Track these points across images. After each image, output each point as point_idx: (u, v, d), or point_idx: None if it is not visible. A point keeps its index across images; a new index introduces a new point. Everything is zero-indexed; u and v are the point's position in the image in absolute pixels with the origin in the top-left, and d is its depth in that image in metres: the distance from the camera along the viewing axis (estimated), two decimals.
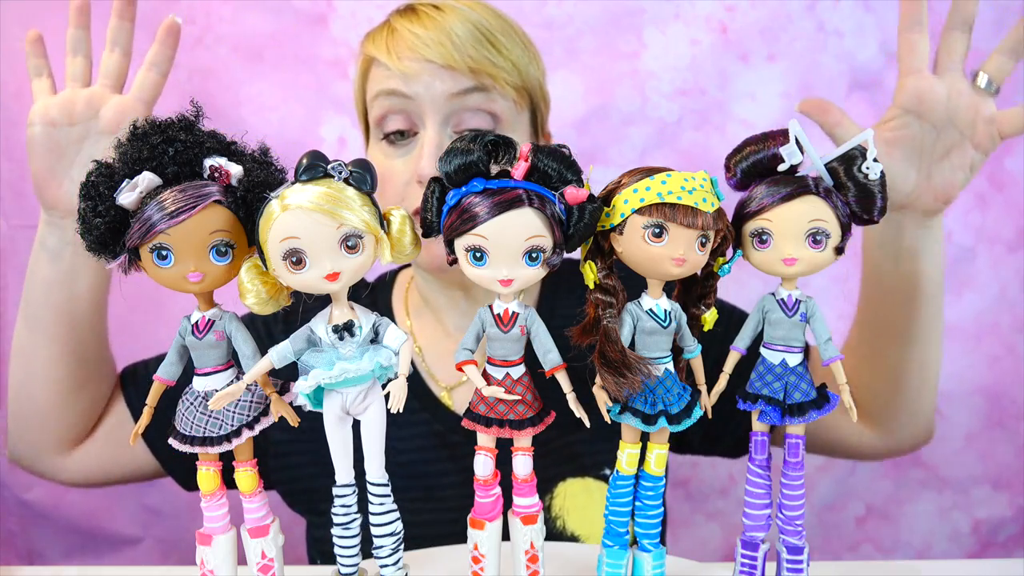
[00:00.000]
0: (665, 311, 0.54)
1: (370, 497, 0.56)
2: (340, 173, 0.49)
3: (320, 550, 0.89)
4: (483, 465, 0.56)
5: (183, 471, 0.91)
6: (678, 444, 0.95)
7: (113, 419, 0.89)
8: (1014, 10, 1.20)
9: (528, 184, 0.50)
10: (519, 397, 0.54)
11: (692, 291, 0.57)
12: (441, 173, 0.51)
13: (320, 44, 1.26)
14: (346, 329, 0.52)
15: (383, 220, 0.51)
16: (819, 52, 1.23)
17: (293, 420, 0.54)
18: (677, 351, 0.57)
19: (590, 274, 0.54)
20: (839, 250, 0.54)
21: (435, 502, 0.81)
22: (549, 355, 0.54)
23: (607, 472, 0.84)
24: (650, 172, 0.52)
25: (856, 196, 0.54)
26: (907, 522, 1.33)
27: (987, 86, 0.75)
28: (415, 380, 0.89)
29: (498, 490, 0.57)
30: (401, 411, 0.51)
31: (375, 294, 0.98)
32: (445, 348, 0.91)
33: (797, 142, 0.52)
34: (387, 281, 0.99)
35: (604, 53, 1.24)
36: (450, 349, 0.89)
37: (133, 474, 0.92)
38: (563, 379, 0.54)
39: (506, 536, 0.58)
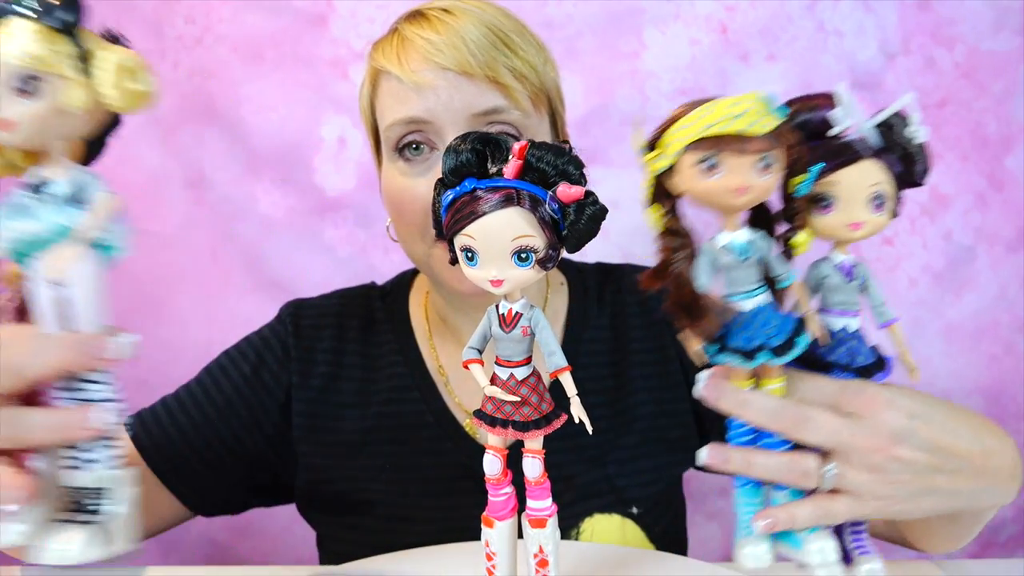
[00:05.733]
0: (744, 244, 0.52)
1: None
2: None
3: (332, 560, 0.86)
4: (491, 464, 0.56)
5: (194, 496, 0.86)
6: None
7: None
8: (1015, 10, 1.20)
9: (520, 183, 0.49)
10: (519, 398, 0.54)
11: (776, 216, 0.55)
12: (442, 173, 0.51)
13: (320, 44, 1.26)
14: (39, 186, 0.47)
15: (87, 59, 0.46)
16: (819, 52, 1.23)
17: None
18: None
19: (656, 218, 0.52)
20: (894, 213, 0.54)
21: (458, 533, 0.75)
22: (552, 357, 0.54)
23: (635, 511, 0.81)
24: (695, 105, 0.50)
25: (900, 159, 0.53)
26: None
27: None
28: (438, 407, 0.84)
29: (509, 489, 0.57)
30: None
31: (390, 302, 0.92)
32: (468, 373, 0.87)
33: (844, 106, 0.52)
34: (403, 288, 0.93)
35: (604, 53, 1.24)
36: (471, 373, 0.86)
37: (164, 522, 0.87)
38: (567, 382, 0.53)
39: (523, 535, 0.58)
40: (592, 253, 0.75)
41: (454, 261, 0.52)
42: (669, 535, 0.84)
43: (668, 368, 0.87)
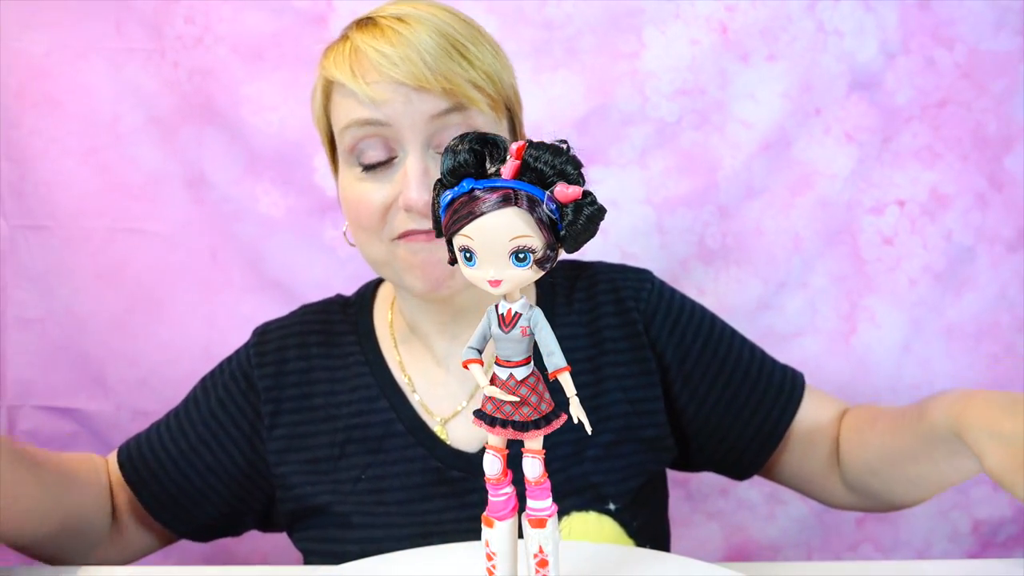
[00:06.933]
0: None
1: None
2: None
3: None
4: (490, 464, 0.56)
5: (185, 529, 0.92)
6: (684, 464, 0.94)
7: (125, 507, 0.89)
8: (1015, 10, 1.20)
9: (518, 183, 0.49)
10: (519, 399, 0.54)
11: None
12: (440, 174, 0.51)
13: (320, 44, 1.25)
14: None
15: None
16: (819, 52, 1.23)
17: None
18: None
19: None
20: None
21: (436, 539, 0.77)
22: (551, 357, 0.54)
23: (612, 507, 0.82)
24: None
25: None
26: (907, 522, 1.33)
27: None
28: (408, 414, 0.85)
29: (510, 489, 0.57)
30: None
31: (354, 312, 0.93)
32: (435, 378, 0.87)
33: None
34: (367, 298, 0.93)
35: (604, 53, 1.24)
36: (440, 379, 0.87)
37: (160, 544, 0.94)
38: (566, 382, 0.54)
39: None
40: (591, 253, 0.75)
41: (453, 261, 0.52)
42: (648, 531, 0.85)
43: (643, 367, 0.87)
